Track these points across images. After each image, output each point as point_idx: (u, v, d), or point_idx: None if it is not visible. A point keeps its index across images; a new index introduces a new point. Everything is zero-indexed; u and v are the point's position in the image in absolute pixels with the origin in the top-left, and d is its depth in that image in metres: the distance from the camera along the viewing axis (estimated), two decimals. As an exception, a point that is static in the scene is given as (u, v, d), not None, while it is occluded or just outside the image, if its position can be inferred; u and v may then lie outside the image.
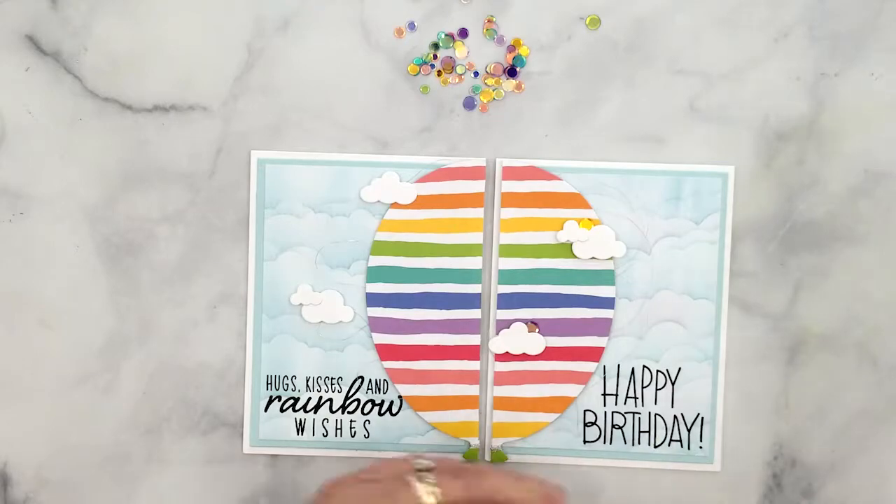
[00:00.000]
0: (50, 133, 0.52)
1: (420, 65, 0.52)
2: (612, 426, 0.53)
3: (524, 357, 0.52)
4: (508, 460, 0.53)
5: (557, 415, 0.53)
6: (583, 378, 0.52)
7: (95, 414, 0.53)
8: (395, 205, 0.52)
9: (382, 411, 0.53)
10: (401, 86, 0.52)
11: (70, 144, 0.52)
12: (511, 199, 0.52)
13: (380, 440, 0.53)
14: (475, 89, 0.52)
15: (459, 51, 0.52)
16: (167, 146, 0.52)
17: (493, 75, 0.52)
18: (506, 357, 0.52)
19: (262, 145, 0.52)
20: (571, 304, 0.52)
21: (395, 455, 0.53)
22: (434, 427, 0.53)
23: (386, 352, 0.52)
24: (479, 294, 0.52)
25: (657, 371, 0.52)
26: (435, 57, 0.52)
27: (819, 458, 0.52)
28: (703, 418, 0.52)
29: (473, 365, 0.52)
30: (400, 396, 0.53)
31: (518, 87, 0.52)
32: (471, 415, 0.53)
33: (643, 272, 0.52)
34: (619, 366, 0.52)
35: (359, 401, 0.53)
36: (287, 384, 0.53)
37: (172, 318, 0.53)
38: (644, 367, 0.52)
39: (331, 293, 0.52)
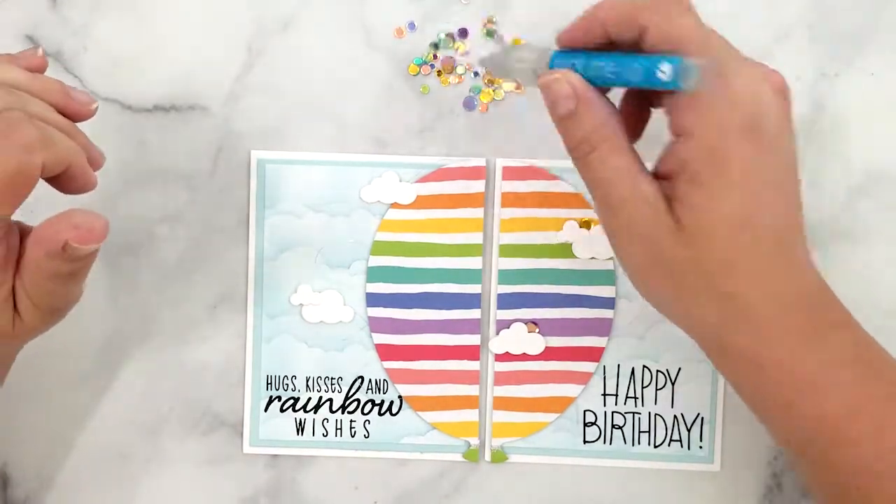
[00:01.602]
0: (50, 133, 0.52)
1: (420, 65, 0.52)
2: (612, 426, 0.53)
3: (524, 357, 0.52)
4: (508, 460, 0.53)
5: (557, 415, 0.53)
6: (583, 378, 0.52)
7: (95, 414, 0.53)
8: (395, 205, 0.52)
9: (382, 411, 0.53)
10: (401, 86, 0.52)
11: (70, 144, 0.52)
12: (511, 199, 0.52)
13: (380, 440, 0.53)
14: (475, 89, 0.52)
15: (459, 51, 0.52)
16: (167, 146, 0.52)
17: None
18: (506, 357, 0.52)
19: (262, 145, 0.52)
20: (571, 304, 0.52)
21: (395, 455, 0.53)
22: (434, 427, 0.53)
23: (386, 352, 0.52)
24: (479, 294, 0.52)
25: (657, 371, 0.52)
26: (435, 57, 0.52)
27: (819, 458, 0.52)
28: (703, 418, 0.52)
29: (473, 365, 0.52)
30: (400, 396, 0.53)
31: (518, 87, 0.52)
32: (471, 415, 0.53)
33: (643, 272, 0.52)
34: (619, 366, 0.52)
35: (359, 401, 0.53)
36: (287, 384, 0.53)
37: (172, 318, 0.53)
38: (644, 367, 0.52)
39: (331, 293, 0.52)
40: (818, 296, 0.41)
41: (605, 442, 0.53)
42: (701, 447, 0.52)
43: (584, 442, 0.53)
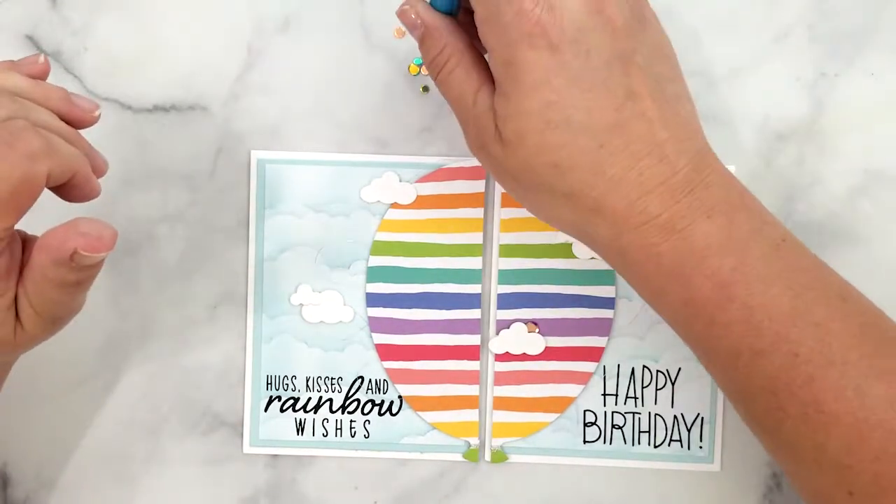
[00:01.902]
0: (50, 133, 0.52)
1: (420, 65, 0.52)
2: (612, 426, 0.53)
3: (524, 357, 0.52)
4: (508, 460, 0.53)
5: (557, 415, 0.53)
6: (583, 378, 0.52)
7: (95, 414, 0.53)
8: (395, 205, 0.52)
9: (382, 411, 0.53)
10: (401, 86, 0.52)
11: (70, 144, 0.52)
12: (511, 199, 0.52)
13: (380, 440, 0.53)
14: (475, 89, 0.52)
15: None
16: (167, 146, 0.52)
17: (493, 75, 0.52)
18: (506, 357, 0.52)
19: (262, 145, 0.52)
20: (571, 304, 0.52)
21: (395, 455, 0.53)
22: (434, 427, 0.53)
23: (386, 352, 0.52)
24: (479, 294, 0.52)
25: (657, 371, 0.52)
26: (435, 57, 0.52)
27: (819, 458, 0.52)
28: (703, 418, 0.52)
29: (473, 365, 0.52)
30: (400, 396, 0.53)
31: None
32: (471, 415, 0.53)
33: (643, 272, 0.52)
34: (618, 366, 0.52)
35: (359, 401, 0.53)
36: (287, 384, 0.53)
37: (172, 318, 0.53)
38: (644, 367, 0.52)
39: (331, 293, 0.52)
40: (683, 184, 0.41)
41: (605, 442, 0.53)
42: (701, 447, 0.52)
43: (584, 442, 0.53)
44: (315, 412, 0.53)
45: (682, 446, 0.52)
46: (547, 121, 0.40)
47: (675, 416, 0.52)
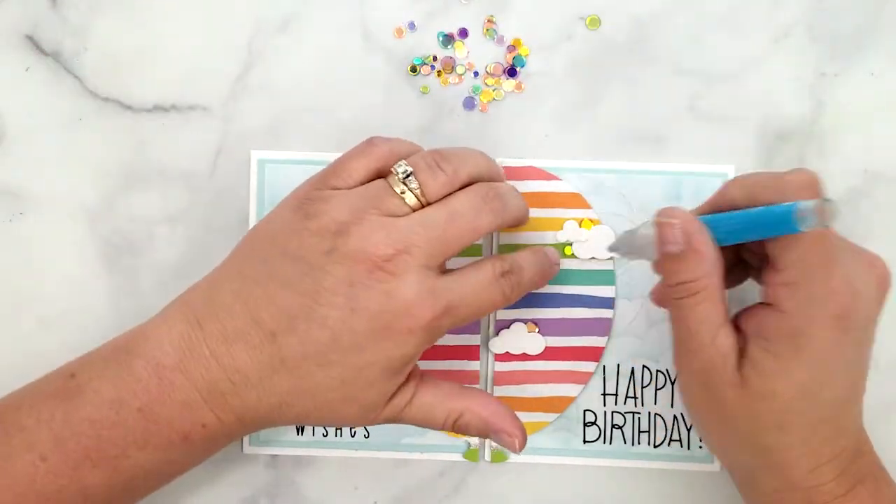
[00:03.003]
0: (50, 133, 0.52)
1: (420, 65, 0.52)
2: (612, 426, 0.53)
3: (524, 357, 0.52)
4: (508, 460, 0.53)
5: (557, 415, 0.53)
6: (583, 378, 0.52)
7: (95, 414, 0.53)
8: (395, 205, 0.52)
9: (382, 411, 0.53)
10: (401, 86, 0.52)
11: (70, 144, 0.52)
12: (511, 199, 0.52)
13: (380, 440, 0.53)
14: (475, 89, 0.52)
15: (459, 51, 0.52)
16: (167, 146, 0.52)
17: (492, 75, 0.52)
18: (506, 357, 0.52)
19: (262, 145, 0.52)
20: (571, 304, 0.52)
21: (395, 455, 0.53)
22: (434, 427, 0.52)
23: (386, 352, 0.52)
24: (479, 294, 0.52)
25: (657, 371, 0.52)
26: (435, 58, 0.52)
27: (819, 458, 0.52)
28: (703, 418, 0.52)
29: (473, 365, 0.52)
30: (400, 396, 0.52)
31: (518, 87, 0.52)
32: (471, 415, 0.52)
33: (643, 272, 0.52)
34: (618, 366, 0.52)
35: (359, 401, 0.53)
36: (287, 384, 0.52)
37: (172, 318, 0.53)
38: (644, 366, 0.52)
39: (331, 293, 0.52)
40: (852, 453, 0.43)
41: (605, 442, 0.53)
42: (701, 447, 0.52)
43: (584, 442, 0.53)
44: (315, 412, 0.53)
45: (681, 446, 0.52)
46: (805, 391, 0.41)
47: (675, 416, 0.52)
